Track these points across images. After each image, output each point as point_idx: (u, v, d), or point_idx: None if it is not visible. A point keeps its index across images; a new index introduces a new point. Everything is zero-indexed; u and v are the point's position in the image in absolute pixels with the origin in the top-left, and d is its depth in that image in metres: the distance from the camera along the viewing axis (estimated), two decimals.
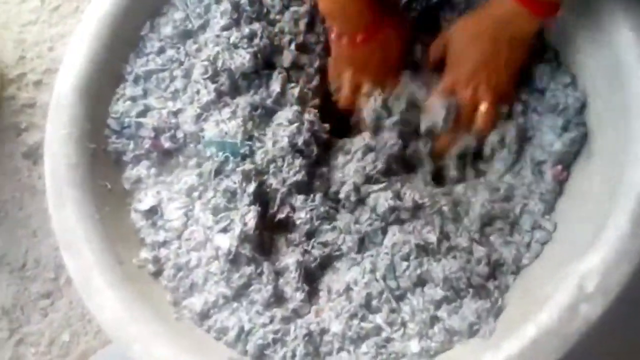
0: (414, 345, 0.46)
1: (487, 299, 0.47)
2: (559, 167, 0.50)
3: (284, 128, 0.52)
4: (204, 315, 0.49)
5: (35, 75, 0.77)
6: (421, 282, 0.48)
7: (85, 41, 0.53)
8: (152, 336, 0.45)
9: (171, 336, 0.46)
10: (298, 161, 0.51)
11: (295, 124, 0.52)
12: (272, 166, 0.51)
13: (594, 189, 0.48)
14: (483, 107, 0.52)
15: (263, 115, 0.53)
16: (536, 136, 0.52)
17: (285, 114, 0.53)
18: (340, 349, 0.47)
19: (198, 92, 0.54)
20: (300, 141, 0.51)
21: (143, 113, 0.54)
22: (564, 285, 0.42)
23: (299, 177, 0.51)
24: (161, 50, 0.55)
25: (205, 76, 0.53)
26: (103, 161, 0.52)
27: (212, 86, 0.53)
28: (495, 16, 0.50)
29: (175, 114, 0.53)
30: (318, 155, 0.53)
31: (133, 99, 0.54)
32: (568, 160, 0.51)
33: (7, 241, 0.72)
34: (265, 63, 0.54)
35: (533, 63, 0.53)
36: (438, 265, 0.48)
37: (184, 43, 0.55)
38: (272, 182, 0.51)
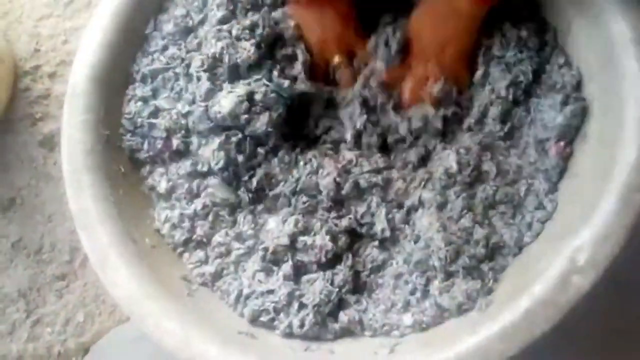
0: (407, 319, 0.48)
1: (478, 280, 0.48)
2: (562, 143, 0.51)
3: None
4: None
5: (50, 68, 0.79)
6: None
7: (99, 33, 0.55)
8: (164, 311, 0.47)
9: (182, 311, 0.48)
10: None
11: None
12: None
13: (589, 169, 0.49)
14: (430, 81, 0.55)
15: None
16: (537, 117, 0.53)
17: None
18: None
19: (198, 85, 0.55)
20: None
21: (154, 114, 0.55)
22: (557, 259, 0.44)
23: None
24: (165, 48, 0.56)
25: (203, 68, 0.54)
26: (117, 147, 0.54)
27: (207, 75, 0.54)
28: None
29: (185, 115, 0.55)
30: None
31: (144, 100, 0.56)
32: (570, 136, 0.51)
33: (24, 226, 0.74)
34: (269, 53, 0.56)
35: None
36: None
37: (185, 40, 0.56)
38: None
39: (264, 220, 0.53)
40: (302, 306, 0.49)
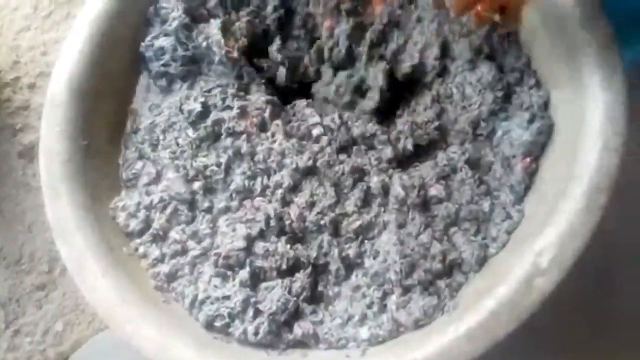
0: (364, 332, 0.48)
1: (435, 296, 0.48)
2: (528, 159, 0.52)
3: None
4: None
5: (30, 79, 0.80)
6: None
7: (77, 43, 0.55)
8: (141, 318, 0.48)
9: (159, 317, 0.48)
10: None
11: None
12: None
13: (552, 173, 0.50)
14: None
15: None
16: (505, 137, 0.53)
17: None
18: None
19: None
20: None
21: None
22: (521, 261, 0.45)
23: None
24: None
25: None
26: (95, 157, 0.55)
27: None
28: None
29: None
30: None
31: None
32: (536, 152, 0.52)
33: (4, 236, 0.74)
34: None
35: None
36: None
37: None
38: None
39: (220, 223, 0.52)
40: (257, 313, 0.48)
